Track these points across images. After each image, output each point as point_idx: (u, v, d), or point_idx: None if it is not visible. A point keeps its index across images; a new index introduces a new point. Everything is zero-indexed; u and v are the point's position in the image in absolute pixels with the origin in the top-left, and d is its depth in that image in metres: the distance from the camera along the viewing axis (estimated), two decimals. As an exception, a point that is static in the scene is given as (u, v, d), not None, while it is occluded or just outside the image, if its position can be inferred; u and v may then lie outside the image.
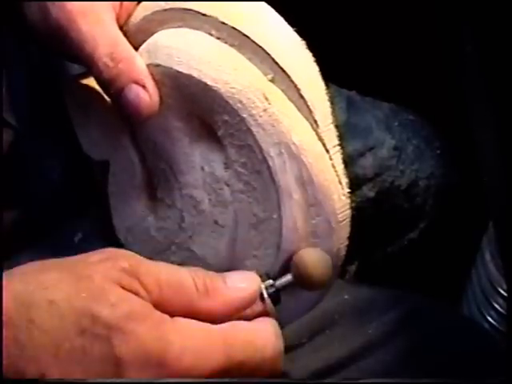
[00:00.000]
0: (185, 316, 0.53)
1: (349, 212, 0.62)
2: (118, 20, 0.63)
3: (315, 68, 0.62)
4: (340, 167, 0.62)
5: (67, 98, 0.67)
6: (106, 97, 0.65)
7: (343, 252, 0.64)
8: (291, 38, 0.62)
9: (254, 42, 0.60)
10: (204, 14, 0.61)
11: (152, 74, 0.61)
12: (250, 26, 0.61)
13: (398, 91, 1.18)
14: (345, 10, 1.24)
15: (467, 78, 0.83)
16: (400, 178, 1.15)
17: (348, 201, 0.62)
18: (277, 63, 0.60)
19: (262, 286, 0.58)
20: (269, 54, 0.60)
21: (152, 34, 0.63)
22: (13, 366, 0.49)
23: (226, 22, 0.60)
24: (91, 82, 0.66)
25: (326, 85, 0.62)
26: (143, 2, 0.64)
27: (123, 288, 0.52)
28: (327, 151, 0.61)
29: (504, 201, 0.79)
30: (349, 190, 0.62)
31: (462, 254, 1.19)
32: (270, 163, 0.60)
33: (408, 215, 1.16)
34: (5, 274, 0.52)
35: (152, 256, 0.64)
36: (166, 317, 0.52)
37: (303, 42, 0.62)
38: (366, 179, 1.11)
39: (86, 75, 0.67)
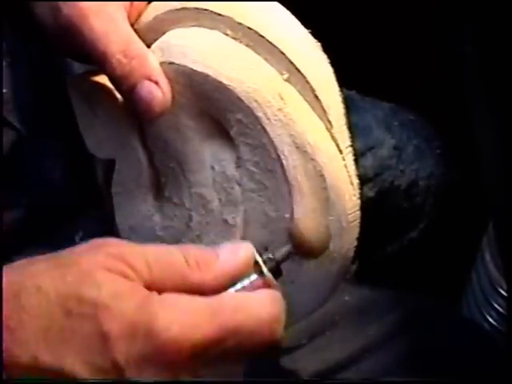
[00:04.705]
0: (178, 292, 0.53)
1: (359, 213, 0.62)
2: (128, 19, 0.63)
3: (330, 69, 0.63)
4: (352, 168, 0.62)
5: (72, 96, 0.67)
6: (112, 95, 0.65)
7: (352, 253, 0.64)
8: (307, 40, 0.62)
9: (269, 42, 0.60)
10: (219, 14, 0.61)
11: (165, 72, 0.61)
12: (265, 26, 0.61)
13: (399, 91, 1.18)
14: (345, 10, 1.24)
15: (467, 77, 0.82)
16: (400, 177, 1.15)
17: (358, 201, 0.62)
18: (292, 63, 0.60)
19: (260, 259, 0.55)
20: (284, 55, 0.60)
21: (163, 33, 0.63)
22: (6, 352, 0.50)
23: (242, 22, 0.60)
24: (97, 80, 0.66)
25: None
26: (154, 2, 0.64)
27: (111, 271, 0.52)
28: (340, 152, 0.61)
29: (504, 201, 0.79)
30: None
31: (461, 254, 1.19)
32: (284, 162, 0.60)
33: (408, 215, 1.16)
34: None
35: None
36: (153, 293, 0.52)
37: (318, 44, 0.63)
38: (366, 179, 1.11)
39: (90, 73, 0.67)
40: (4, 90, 0.67)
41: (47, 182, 0.71)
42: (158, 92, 0.61)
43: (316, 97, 0.61)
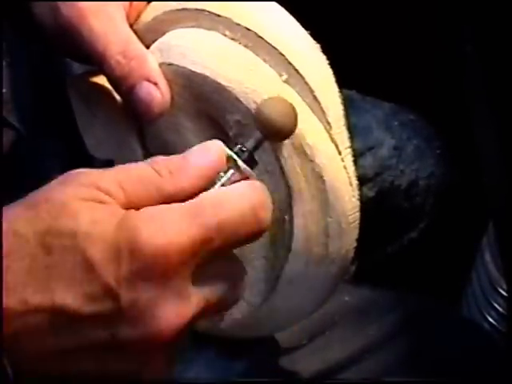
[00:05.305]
0: (156, 205, 0.52)
1: (358, 214, 0.62)
2: (127, 19, 0.63)
3: (329, 70, 0.63)
4: (351, 169, 0.62)
5: (72, 97, 0.67)
6: (111, 95, 0.65)
7: (351, 254, 0.64)
8: (306, 41, 0.62)
9: (268, 43, 0.60)
10: (218, 15, 0.61)
11: (164, 73, 0.61)
12: (264, 27, 0.61)
13: (399, 91, 1.18)
14: (345, 10, 1.24)
15: (467, 77, 0.83)
16: (400, 177, 1.15)
17: (358, 203, 0.62)
18: (291, 64, 0.60)
19: (232, 153, 0.54)
20: (283, 56, 0.60)
21: (163, 33, 0.63)
22: None
23: (241, 22, 0.60)
24: (97, 80, 0.66)
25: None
26: (153, 2, 0.64)
27: (85, 200, 0.51)
28: (339, 153, 0.61)
29: (504, 201, 0.79)
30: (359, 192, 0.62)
31: (461, 254, 1.19)
32: (283, 164, 0.60)
33: (408, 215, 1.16)
34: None
35: None
36: (131, 210, 0.51)
37: (317, 45, 0.63)
38: (366, 179, 1.11)
39: (90, 74, 0.67)
40: (3, 90, 0.67)
41: (46, 182, 0.71)
42: (156, 93, 0.61)
43: (315, 98, 0.61)
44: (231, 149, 0.55)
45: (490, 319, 1.10)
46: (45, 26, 0.63)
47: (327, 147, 0.61)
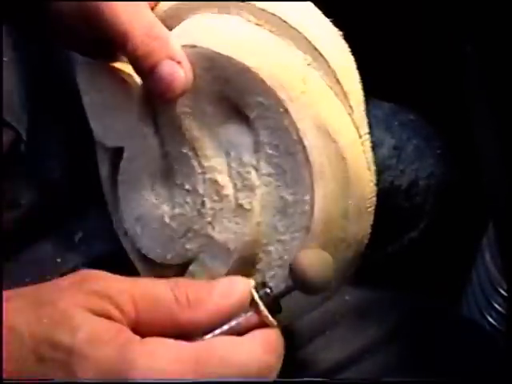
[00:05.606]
0: (167, 331, 0.50)
1: (375, 199, 0.62)
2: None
3: (350, 57, 0.63)
4: (369, 154, 0.62)
5: (82, 83, 0.66)
6: (123, 81, 0.63)
7: (366, 240, 0.64)
8: (328, 27, 0.63)
9: (292, 27, 0.60)
10: (242, 0, 0.61)
11: (187, 55, 0.60)
12: (288, 13, 0.61)
13: (399, 90, 1.18)
14: (344, 10, 1.24)
15: (467, 78, 0.82)
16: (400, 177, 1.15)
17: (375, 188, 0.62)
18: (315, 48, 0.61)
19: (256, 295, 0.52)
20: (307, 39, 0.61)
21: (182, 20, 0.63)
22: None
23: (265, 8, 0.61)
24: (108, 66, 0.65)
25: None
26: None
27: (92, 311, 0.49)
28: (360, 137, 0.62)
29: (504, 201, 0.79)
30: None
31: (461, 254, 1.19)
32: (306, 144, 0.59)
33: (408, 215, 1.16)
34: None
35: (165, 244, 0.64)
36: (134, 338, 0.49)
37: (340, 32, 0.63)
38: (366, 179, 1.11)
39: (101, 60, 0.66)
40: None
41: (47, 182, 0.71)
42: (180, 71, 0.59)
43: (338, 81, 0.61)
44: (258, 290, 0.53)
45: (490, 319, 1.10)
46: (63, 13, 0.61)
47: (349, 130, 0.61)
